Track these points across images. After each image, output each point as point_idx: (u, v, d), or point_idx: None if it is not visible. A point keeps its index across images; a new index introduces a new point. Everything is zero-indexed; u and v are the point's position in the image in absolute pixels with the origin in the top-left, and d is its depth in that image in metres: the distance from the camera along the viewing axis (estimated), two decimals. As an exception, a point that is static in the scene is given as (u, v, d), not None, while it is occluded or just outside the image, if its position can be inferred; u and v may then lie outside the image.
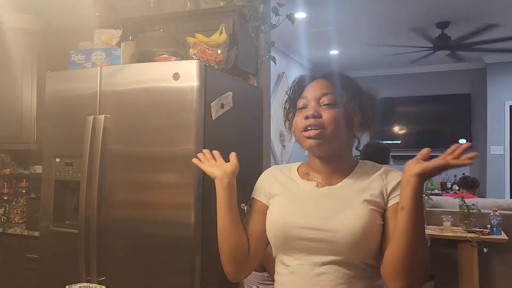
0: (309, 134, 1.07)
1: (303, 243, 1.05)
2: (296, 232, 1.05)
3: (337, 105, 1.08)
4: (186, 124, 1.91)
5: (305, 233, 1.04)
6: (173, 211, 1.93)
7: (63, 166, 2.19)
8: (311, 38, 5.51)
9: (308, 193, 1.11)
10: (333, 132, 1.07)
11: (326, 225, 1.03)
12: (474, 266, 3.13)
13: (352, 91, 1.11)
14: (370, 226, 1.01)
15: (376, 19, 4.85)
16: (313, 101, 1.10)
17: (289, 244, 1.07)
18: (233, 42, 2.30)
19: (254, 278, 1.94)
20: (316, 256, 1.03)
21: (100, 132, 2.05)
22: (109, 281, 1.98)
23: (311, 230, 1.04)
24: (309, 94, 1.11)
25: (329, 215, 1.04)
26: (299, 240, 1.05)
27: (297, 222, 1.06)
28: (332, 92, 1.09)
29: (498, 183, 6.34)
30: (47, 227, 2.21)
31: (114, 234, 2.02)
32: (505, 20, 4.60)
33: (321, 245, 1.03)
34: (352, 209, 1.03)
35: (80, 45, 2.43)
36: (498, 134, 6.39)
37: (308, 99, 1.11)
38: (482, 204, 3.48)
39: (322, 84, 1.12)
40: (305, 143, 1.09)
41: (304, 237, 1.04)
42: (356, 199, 1.05)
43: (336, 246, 1.01)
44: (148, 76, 2.02)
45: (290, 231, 1.06)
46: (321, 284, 1.02)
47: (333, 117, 1.07)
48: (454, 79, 6.90)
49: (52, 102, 2.25)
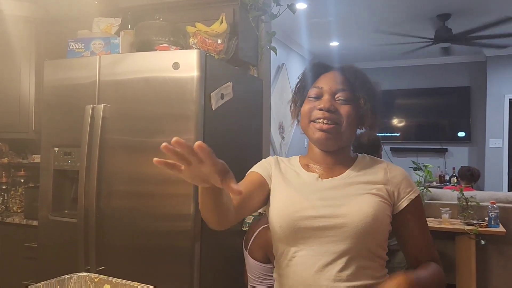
0: (321, 126, 1.06)
1: (310, 233, 1.03)
2: (305, 221, 1.03)
3: (352, 102, 1.08)
4: (186, 114, 1.90)
5: (314, 222, 1.02)
6: (173, 201, 1.92)
7: (61, 155, 2.18)
8: (312, 29, 5.47)
9: (312, 184, 1.10)
10: (346, 128, 1.07)
11: (335, 212, 1.02)
12: (472, 259, 3.14)
13: (368, 91, 1.10)
14: (379, 214, 1.01)
15: (377, 11, 4.81)
16: (328, 94, 1.08)
17: (296, 235, 1.04)
18: (233, 32, 2.28)
19: (258, 269, 1.93)
20: (325, 245, 1.02)
21: (99, 122, 2.04)
22: (108, 271, 1.98)
23: (320, 219, 1.02)
24: (325, 86, 1.09)
25: (337, 203, 1.03)
26: (307, 230, 1.03)
27: (304, 212, 1.04)
28: (348, 89, 1.08)
29: (496, 176, 6.36)
30: (45, 217, 2.21)
31: (113, 223, 2.02)
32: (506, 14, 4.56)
33: (330, 233, 1.01)
34: (360, 198, 1.03)
35: (79, 33, 2.40)
36: (497, 127, 6.38)
37: (322, 90, 1.09)
38: (480, 196, 3.48)
39: (338, 78, 1.09)
40: (314, 134, 1.08)
41: (312, 226, 1.02)
42: (362, 190, 1.05)
43: (345, 232, 1.00)
44: (147, 65, 2.00)
45: (298, 221, 1.03)
46: (328, 275, 1.00)
47: (348, 114, 1.06)
48: (454, 72, 6.87)
49: (51, 91, 2.23)
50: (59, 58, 2.31)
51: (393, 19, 5.02)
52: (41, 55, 2.66)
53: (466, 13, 4.76)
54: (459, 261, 3.23)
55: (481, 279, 3.38)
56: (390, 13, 4.86)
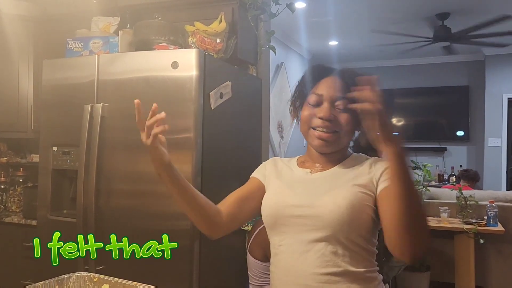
0: (320, 135, 1.09)
1: (291, 220, 1.09)
2: (286, 210, 1.09)
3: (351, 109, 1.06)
4: (185, 113, 1.90)
5: (294, 210, 1.08)
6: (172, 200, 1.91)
7: (60, 155, 2.18)
8: (311, 28, 5.47)
9: (301, 178, 1.16)
10: (344, 135, 1.11)
11: (314, 202, 1.07)
12: (471, 257, 3.15)
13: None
14: (356, 204, 1.04)
15: (376, 10, 4.82)
16: (327, 102, 1.09)
17: (279, 222, 1.11)
18: (232, 31, 2.28)
19: (257, 268, 1.94)
20: (304, 233, 1.06)
21: (98, 121, 2.03)
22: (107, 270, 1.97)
23: (299, 208, 1.08)
24: (325, 93, 1.10)
25: (318, 194, 1.08)
26: (288, 218, 1.09)
27: (287, 201, 1.11)
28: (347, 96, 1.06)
29: (495, 175, 6.36)
30: (44, 216, 2.20)
31: (112, 223, 2.01)
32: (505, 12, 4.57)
33: (309, 221, 1.06)
34: (340, 189, 1.07)
35: (77, 32, 2.40)
36: (496, 126, 6.39)
37: (322, 98, 1.10)
38: (479, 195, 3.49)
39: (338, 85, 1.10)
40: (313, 141, 1.12)
41: (293, 214, 1.08)
42: (346, 182, 1.09)
43: (321, 221, 1.04)
44: (146, 64, 2.00)
45: (281, 210, 1.10)
46: (309, 260, 1.05)
47: (347, 122, 1.09)
48: (453, 71, 6.88)
49: (49, 91, 2.22)
50: (57, 57, 2.30)
51: (392, 18, 5.02)
52: (39, 54, 2.65)
53: (465, 12, 4.76)
54: (458, 260, 3.23)
55: (480, 277, 3.38)
56: (389, 12, 4.86)
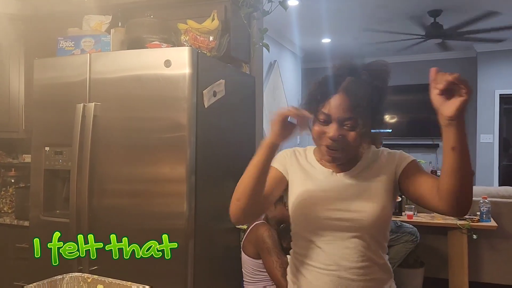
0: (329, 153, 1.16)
1: (328, 222, 1.17)
2: (323, 213, 1.17)
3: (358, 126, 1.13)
4: (178, 112, 1.89)
5: (331, 213, 1.16)
6: (166, 200, 1.91)
7: (52, 155, 2.16)
8: (304, 26, 5.47)
9: (327, 178, 1.22)
10: (351, 150, 1.18)
11: (349, 206, 1.16)
12: (464, 253, 3.17)
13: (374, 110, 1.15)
14: (386, 204, 1.16)
15: (368, 7, 4.82)
16: (336, 122, 1.13)
17: (314, 223, 1.19)
18: (225, 28, 2.27)
19: (250, 265, 1.94)
20: (341, 232, 1.16)
21: (90, 120, 2.02)
22: (101, 271, 1.96)
23: (336, 211, 1.16)
24: (333, 114, 1.13)
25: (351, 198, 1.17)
26: (325, 219, 1.17)
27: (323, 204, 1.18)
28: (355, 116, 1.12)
29: (487, 170, 6.41)
30: (37, 217, 2.18)
31: (106, 223, 2.00)
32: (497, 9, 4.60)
33: (345, 223, 1.15)
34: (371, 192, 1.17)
35: (69, 31, 2.37)
36: (488, 122, 6.44)
37: (331, 118, 1.13)
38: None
39: (346, 104, 1.12)
40: (324, 156, 1.20)
41: (330, 217, 1.16)
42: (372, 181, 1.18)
43: (358, 223, 1.14)
44: (139, 63, 1.99)
45: (318, 212, 1.17)
46: (346, 256, 1.16)
47: (355, 139, 1.14)
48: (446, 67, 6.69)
49: (41, 90, 2.20)
50: (48, 56, 2.28)
51: (385, 16, 5.03)
52: (30, 53, 2.62)
53: (456, 8, 4.78)
54: (451, 255, 3.25)
55: (473, 273, 3.41)
56: (382, 10, 4.87)
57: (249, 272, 1.95)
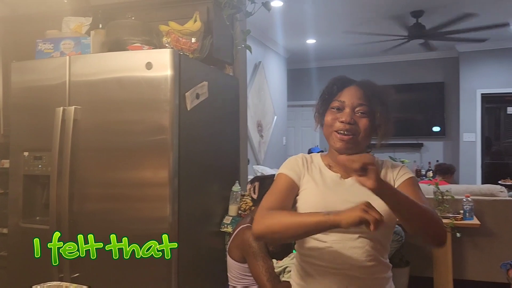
0: (342, 137, 1.23)
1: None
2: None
3: (369, 115, 1.25)
4: (160, 114, 1.87)
5: None
6: (148, 204, 1.88)
7: (32, 160, 2.11)
8: (288, 26, 5.48)
9: (336, 182, 1.28)
10: (362, 138, 1.25)
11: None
12: (448, 251, 3.20)
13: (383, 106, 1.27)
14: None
15: (352, 8, 4.85)
16: (349, 108, 1.24)
17: None
18: (207, 30, 2.25)
19: (236, 268, 1.92)
20: (350, 234, 1.21)
21: (70, 124, 1.98)
22: (82, 278, 1.93)
23: None
24: (347, 100, 1.25)
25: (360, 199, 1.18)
26: None
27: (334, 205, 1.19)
28: (367, 103, 1.25)
29: (470, 169, 6.51)
30: (16, 224, 2.13)
31: (87, 229, 1.95)
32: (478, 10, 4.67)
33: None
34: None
35: (48, 33, 2.32)
36: (470, 121, 6.54)
37: (344, 104, 1.25)
38: (455, 190, 3.55)
39: (359, 93, 1.26)
40: (336, 144, 1.25)
41: None
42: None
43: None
44: (119, 65, 1.96)
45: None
46: (355, 256, 1.21)
47: (366, 126, 1.24)
48: (428, 68, 7.00)
49: (19, 94, 2.15)
50: (27, 59, 2.23)
51: (368, 16, 5.07)
52: (8, 56, 2.57)
53: (438, 9, 4.85)
54: (436, 254, 3.28)
55: (457, 270, 3.45)
56: (365, 11, 4.91)
57: (235, 276, 1.93)
